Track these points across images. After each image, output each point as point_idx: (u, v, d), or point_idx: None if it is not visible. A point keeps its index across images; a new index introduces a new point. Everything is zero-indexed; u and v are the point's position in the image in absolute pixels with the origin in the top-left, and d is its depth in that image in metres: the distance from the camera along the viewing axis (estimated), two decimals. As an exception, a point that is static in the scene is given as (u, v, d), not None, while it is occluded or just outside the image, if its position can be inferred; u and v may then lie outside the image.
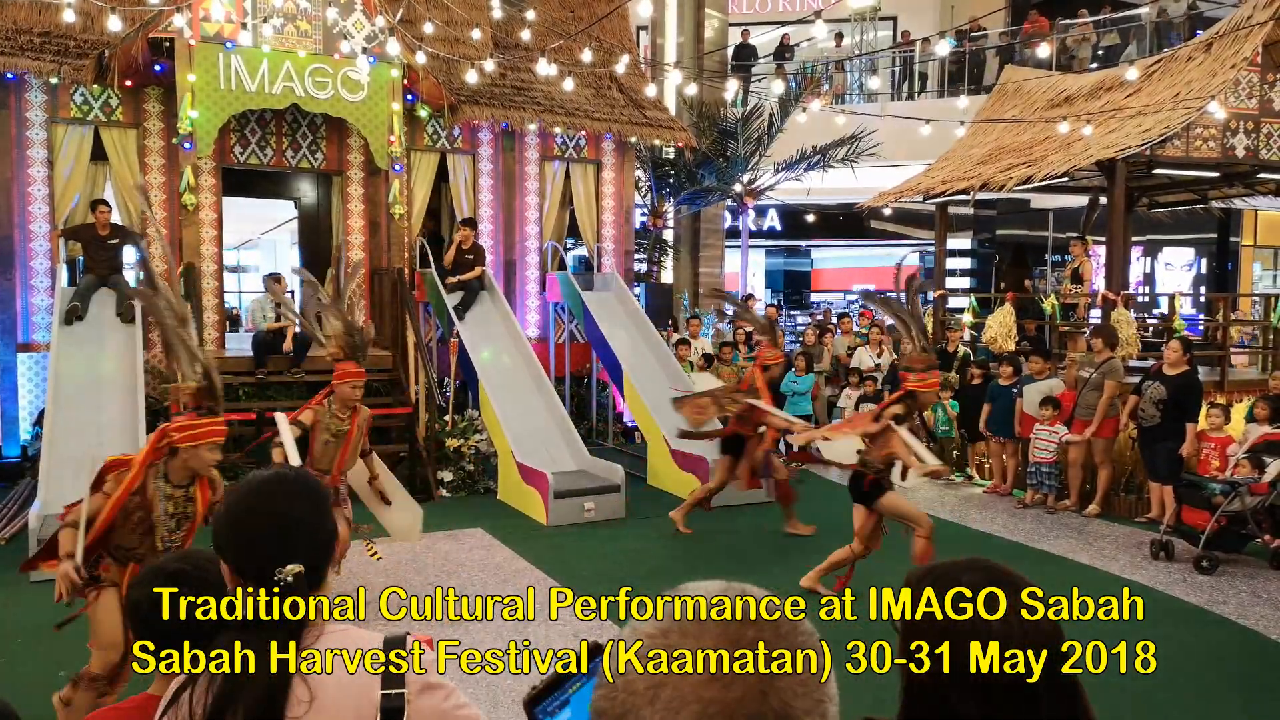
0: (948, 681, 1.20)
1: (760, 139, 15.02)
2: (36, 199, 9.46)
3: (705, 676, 0.72)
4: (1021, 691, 1.18)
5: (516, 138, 11.60)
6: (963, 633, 1.20)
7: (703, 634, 0.75)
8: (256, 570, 1.50)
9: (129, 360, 8.60)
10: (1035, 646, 1.20)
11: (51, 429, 7.65)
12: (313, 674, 1.47)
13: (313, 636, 1.52)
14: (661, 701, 0.72)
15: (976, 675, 1.18)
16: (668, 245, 16.02)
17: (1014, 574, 1.27)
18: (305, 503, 1.58)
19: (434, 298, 10.57)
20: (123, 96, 9.60)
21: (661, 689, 0.72)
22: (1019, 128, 11.69)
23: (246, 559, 1.52)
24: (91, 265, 9.22)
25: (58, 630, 4.15)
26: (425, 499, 8.73)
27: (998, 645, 1.18)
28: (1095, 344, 8.56)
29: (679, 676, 0.73)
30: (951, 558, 1.35)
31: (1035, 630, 1.21)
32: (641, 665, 0.74)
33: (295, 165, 10.60)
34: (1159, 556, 6.91)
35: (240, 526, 1.55)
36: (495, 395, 9.23)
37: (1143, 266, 18.73)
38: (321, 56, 9.61)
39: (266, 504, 1.55)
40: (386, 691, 1.49)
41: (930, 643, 1.22)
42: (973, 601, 1.21)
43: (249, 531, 1.53)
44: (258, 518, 1.54)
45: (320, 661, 1.49)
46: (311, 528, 1.56)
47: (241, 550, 1.54)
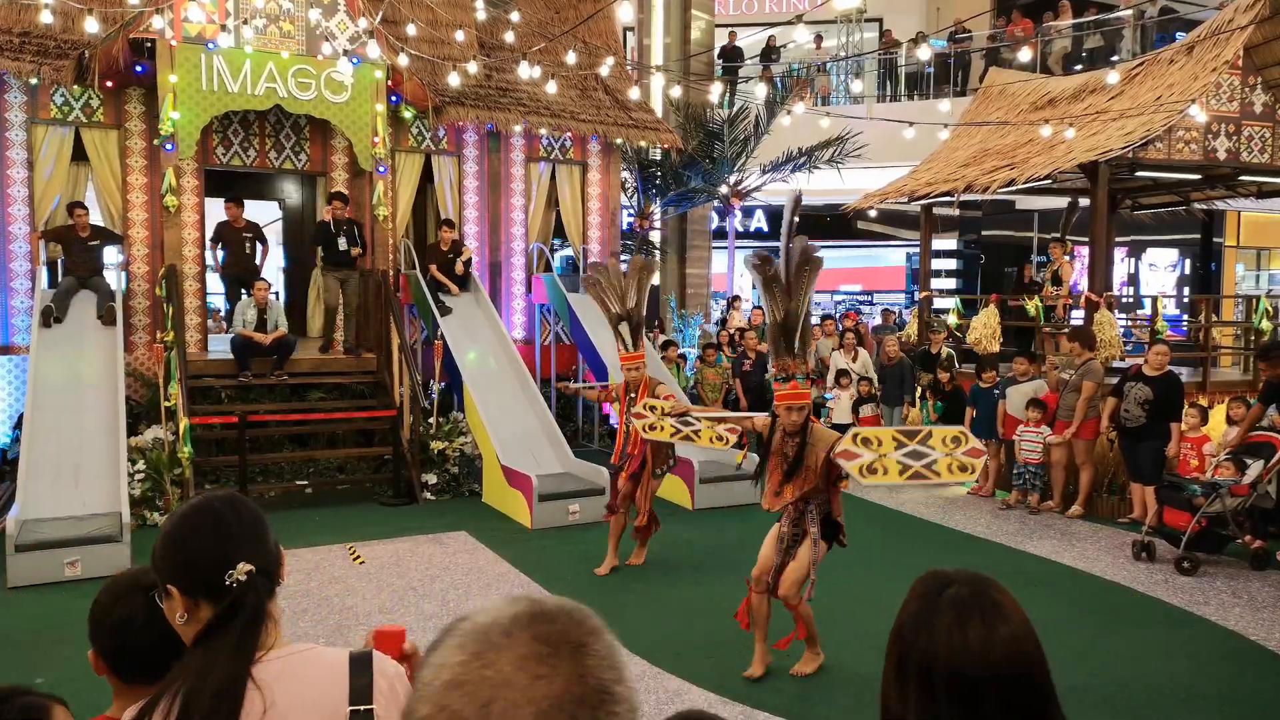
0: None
1: (746, 140, 15.03)
2: (16, 200, 9.38)
3: (529, 678, 0.76)
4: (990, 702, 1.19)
5: (502, 139, 11.57)
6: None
7: (513, 644, 0.78)
8: (205, 581, 1.47)
9: (109, 363, 8.53)
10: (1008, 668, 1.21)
11: (31, 432, 7.58)
12: (275, 691, 1.45)
13: (275, 653, 1.50)
14: (494, 716, 0.74)
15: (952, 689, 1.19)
16: (654, 247, 16.01)
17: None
18: (243, 521, 1.54)
19: (418, 299, 10.53)
20: (104, 97, 9.52)
21: (491, 705, 0.75)
22: (1003, 130, 11.73)
23: (193, 573, 1.48)
24: (72, 267, 9.16)
25: None
26: (409, 502, 8.71)
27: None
28: (1072, 346, 8.59)
29: (504, 688, 0.75)
30: (938, 560, 1.37)
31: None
32: (460, 693, 0.76)
33: (279, 166, 10.54)
34: (1141, 557, 6.94)
35: (182, 543, 1.51)
36: (480, 397, 9.20)
37: (1127, 267, 18.84)
38: (305, 58, 9.56)
39: (206, 518, 1.52)
40: (354, 709, 1.46)
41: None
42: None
43: (193, 543, 1.50)
44: (199, 531, 1.51)
45: (283, 679, 1.46)
46: (253, 537, 1.53)
47: (187, 566, 1.49)
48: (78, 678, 4.63)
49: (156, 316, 9.64)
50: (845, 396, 10.44)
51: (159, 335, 9.26)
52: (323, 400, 9.57)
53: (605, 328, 10.98)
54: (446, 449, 9.09)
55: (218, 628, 1.46)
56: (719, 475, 8.80)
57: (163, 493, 7.85)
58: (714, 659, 5.16)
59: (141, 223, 9.77)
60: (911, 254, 21.42)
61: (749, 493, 8.75)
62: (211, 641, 1.46)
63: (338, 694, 1.47)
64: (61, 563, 6.36)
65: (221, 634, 1.45)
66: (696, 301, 16.19)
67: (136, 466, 7.83)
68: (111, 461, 7.52)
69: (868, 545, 7.26)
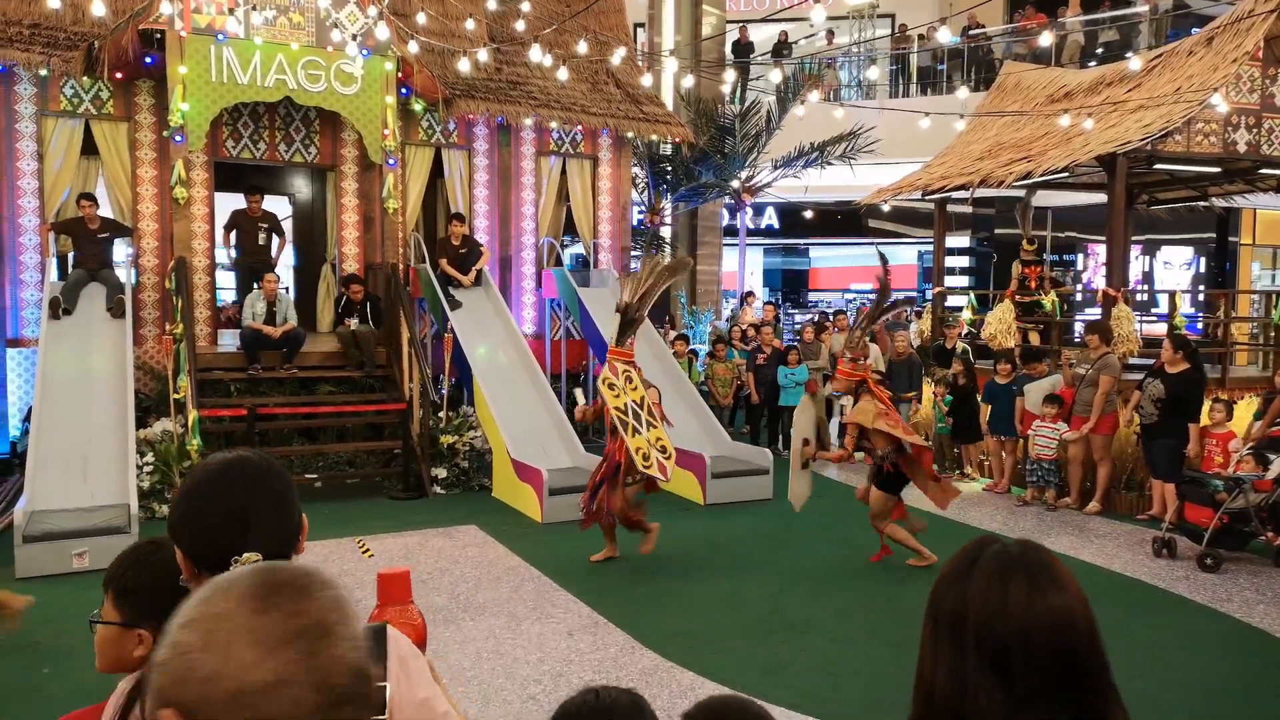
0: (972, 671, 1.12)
1: (758, 135, 14.93)
2: (26, 192, 9.35)
3: (248, 612, 0.85)
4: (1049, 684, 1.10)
5: (512, 132, 11.50)
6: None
7: (239, 586, 0.87)
8: (212, 560, 1.41)
9: (119, 355, 8.49)
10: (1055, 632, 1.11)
11: (40, 425, 7.54)
12: None
13: None
14: (217, 644, 0.82)
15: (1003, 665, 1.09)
16: (665, 242, 15.93)
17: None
18: (265, 490, 1.48)
19: (428, 293, 10.47)
20: (113, 89, 9.49)
21: (214, 634, 0.83)
22: (1018, 123, 11.61)
23: (203, 547, 1.44)
24: (81, 259, 9.13)
25: None
26: (419, 496, 8.65)
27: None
28: (1091, 340, 8.48)
29: (228, 619, 0.84)
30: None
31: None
32: (188, 629, 0.85)
33: (289, 159, 10.50)
34: (1161, 554, 6.82)
35: (195, 514, 1.46)
36: (490, 392, 9.13)
37: (1141, 265, 18.67)
38: (314, 49, 9.51)
39: (223, 491, 1.46)
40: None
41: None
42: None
43: (204, 519, 1.45)
44: (213, 505, 1.45)
45: None
46: (271, 516, 1.47)
47: (196, 538, 1.45)
48: (85, 668, 4.58)
49: (166, 309, 9.60)
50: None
51: (168, 328, 9.22)
52: (332, 394, 9.52)
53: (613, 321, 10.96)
54: (456, 443, 9.02)
55: None
56: (731, 470, 8.71)
57: (171, 485, 7.80)
58: (726, 653, 5.07)
59: (151, 215, 9.74)
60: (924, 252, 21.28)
61: (760, 488, 8.69)
62: None
63: None
64: (70, 554, 6.32)
65: None
66: (707, 298, 16.10)
67: (145, 459, 7.78)
68: (120, 454, 7.47)
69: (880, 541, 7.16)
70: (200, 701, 0.82)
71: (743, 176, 15.28)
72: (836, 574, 6.55)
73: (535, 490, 7.95)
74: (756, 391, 10.87)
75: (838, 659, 4.99)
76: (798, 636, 5.33)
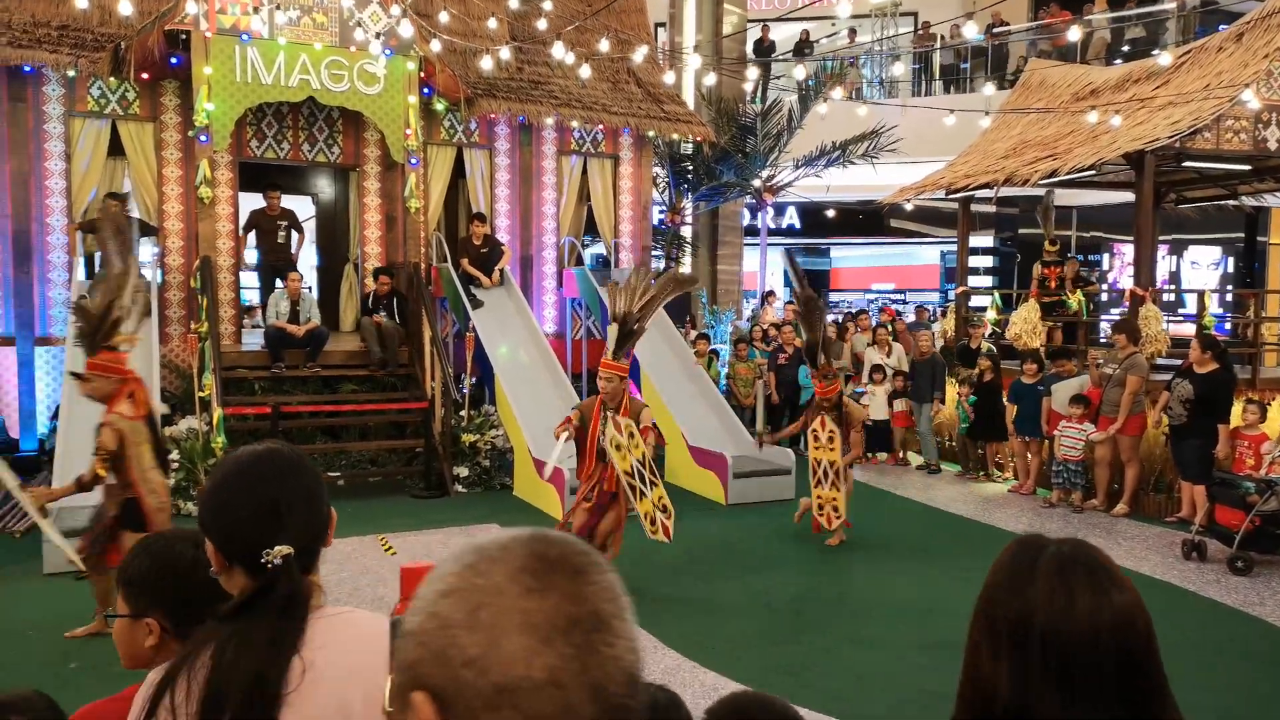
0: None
1: (779, 134, 14.86)
2: (54, 192, 9.45)
3: (520, 589, 0.73)
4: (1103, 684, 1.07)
5: (533, 132, 11.51)
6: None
7: (509, 556, 0.75)
8: (243, 552, 1.41)
9: (144, 354, 8.54)
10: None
11: (67, 423, 7.61)
12: (314, 654, 1.37)
13: (310, 618, 1.42)
14: (483, 624, 0.72)
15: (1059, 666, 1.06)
16: (685, 242, 15.89)
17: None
18: (295, 482, 1.48)
19: (450, 293, 10.50)
20: (140, 90, 9.57)
21: (480, 612, 0.73)
22: (1044, 121, 11.49)
23: (233, 539, 1.44)
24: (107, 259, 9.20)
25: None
26: (441, 494, 8.67)
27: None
28: (1118, 340, 8.38)
29: (496, 595, 0.73)
30: (980, 560, 1.25)
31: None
32: (450, 600, 0.74)
33: (312, 159, 10.55)
34: (1191, 557, 6.72)
35: (227, 505, 1.46)
36: (512, 391, 9.14)
37: (1168, 265, 18.44)
38: (338, 49, 9.55)
39: (254, 483, 1.46)
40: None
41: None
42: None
43: (236, 511, 1.44)
44: (245, 498, 1.45)
45: (320, 644, 1.38)
46: (302, 509, 1.46)
47: (226, 531, 1.45)
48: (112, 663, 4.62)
49: (191, 308, 9.68)
50: (880, 392, 10.27)
51: (193, 326, 9.29)
52: (355, 392, 9.56)
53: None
54: (478, 442, 9.03)
55: (252, 607, 1.39)
56: (753, 470, 8.67)
57: (196, 483, 7.86)
58: (749, 653, 5.04)
59: (176, 215, 9.82)
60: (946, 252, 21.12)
61: (782, 488, 8.64)
62: (246, 621, 1.38)
63: (378, 660, 1.41)
64: (96, 550, 6.36)
65: (258, 617, 1.38)
66: (728, 298, 16.05)
67: (171, 456, 7.83)
68: (146, 451, 7.52)
69: (905, 543, 7.12)
70: (459, 689, 0.72)
71: (764, 176, 15.22)
72: (859, 575, 6.50)
73: (557, 489, 7.94)
74: (777, 392, 10.82)
75: (862, 661, 4.95)
76: (821, 637, 5.30)
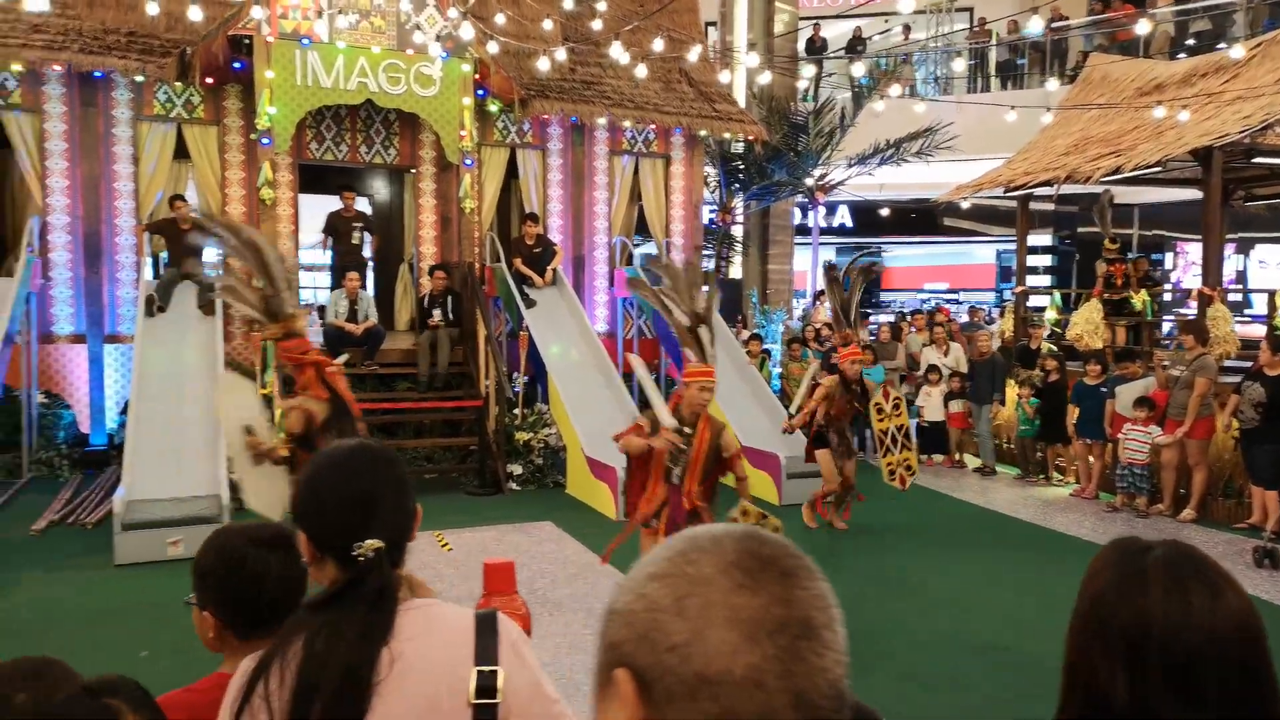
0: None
1: (832, 133, 14.74)
2: (122, 194, 9.72)
3: (730, 584, 0.73)
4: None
5: (585, 132, 11.56)
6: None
7: (722, 550, 0.75)
8: (336, 544, 1.45)
9: (209, 352, 8.77)
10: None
11: (136, 419, 7.83)
12: (402, 644, 1.39)
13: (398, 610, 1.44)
14: (690, 611, 0.72)
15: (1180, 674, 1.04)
16: (736, 241, 15.83)
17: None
18: (387, 477, 1.52)
19: (503, 292, 10.59)
20: (204, 94, 9.81)
21: (688, 599, 0.73)
22: (1106, 117, 11.23)
23: (326, 532, 1.48)
24: (173, 259, 9.45)
25: None
26: (495, 492, 8.74)
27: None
28: (1186, 340, 8.15)
29: (705, 585, 0.73)
30: (1042, 565, 1.22)
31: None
32: (659, 584, 0.75)
33: (369, 161, 10.72)
34: (1263, 564, 6.51)
35: (321, 498, 1.50)
36: (565, 389, 9.19)
37: (1235, 264, 17.91)
38: (395, 52, 9.68)
39: (348, 477, 1.50)
40: (480, 669, 1.40)
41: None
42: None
43: (330, 504, 1.49)
44: (339, 490, 1.49)
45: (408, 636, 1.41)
46: (392, 503, 1.51)
47: (321, 522, 1.49)
48: (182, 650, 4.73)
49: (252, 307, 9.87)
50: (936, 393, 10.12)
51: (255, 325, 9.48)
52: (410, 390, 9.69)
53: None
54: (531, 440, 9.09)
55: (342, 599, 1.42)
56: (806, 471, 8.59)
57: (258, 478, 8.01)
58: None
59: (238, 216, 10.03)
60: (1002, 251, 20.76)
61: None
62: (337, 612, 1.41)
63: (463, 652, 1.42)
64: (164, 542, 6.55)
65: (348, 609, 1.41)
66: (778, 297, 15.96)
67: (234, 452, 8.01)
68: (210, 446, 7.71)
69: (965, 546, 7.00)
70: (661, 672, 0.72)
71: (816, 174, 15.10)
72: (916, 576, 6.41)
73: (610, 488, 7.96)
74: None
75: (923, 665, 4.88)
76: (881, 641, 5.23)
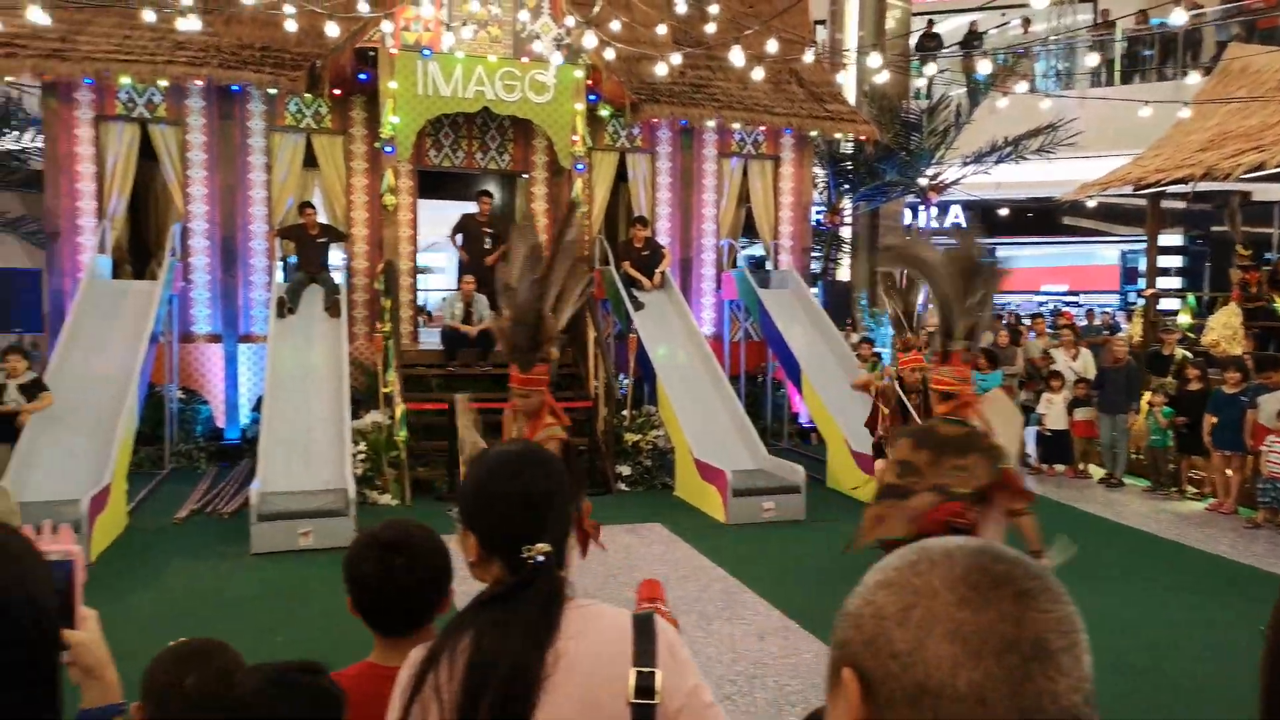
0: None
1: (946, 131, 14.35)
2: (255, 201, 10.26)
3: (956, 598, 0.73)
4: None
5: (694, 135, 11.59)
6: None
7: (951, 563, 0.75)
8: (506, 545, 1.49)
9: (335, 352, 9.17)
10: None
11: (268, 414, 8.26)
12: (564, 647, 1.43)
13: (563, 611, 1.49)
14: (913, 622, 0.73)
15: None
16: (844, 243, 15.58)
17: None
18: (551, 479, 1.56)
19: (612, 295, 10.71)
20: (331, 105, 10.26)
21: (912, 610, 0.74)
22: (1245, 111, 10.59)
23: (496, 533, 1.51)
24: (302, 263, 9.91)
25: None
26: (604, 492, 8.85)
27: None
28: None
29: (930, 598, 0.73)
30: (1178, 583, 1.16)
31: None
32: (887, 592, 0.76)
33: (484, 166, 11.01)
34: None
35: (490, 500, 1.54)
36: (672, 391, 9.23)
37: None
38: (510, 60, 9.92)
39: (515, 479, 1.54)
40: (640, 669, 1.43)
41: None
42: None
43: (499, 506, 1.53)
44: (507, 492, 1.53)
45: (570, 634, 1.45)
46: (561, 504, 1.55)
47: (492, 524, 1.53)
48: (316, 637, 4.97)
49: (374, 309, 10.29)
50: (1059, 400, 9.74)
51: (377, 326, 9.87)
52: (522, 391, 9.88)
53: (795, 323, 10.83)
54: (640, 441, 9.17)
55: (509, 599, 1.47)
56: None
57: (380, 473, 8.34)
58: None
59: (363, 222, 10.46)
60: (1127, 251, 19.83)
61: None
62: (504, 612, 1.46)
63: (623, 652, 1.45)
64: (296, 533, 6.88)
65: (516, 608, 1.45)
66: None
67: (358, 448, 8.35)
68: (337, 442, 8.07)
69: (1098, 562, 6.72)
70: (883, 677, 0.74)
71: (929, 173, 14.73)
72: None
73: (719, 491, 7.96)
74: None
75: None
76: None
